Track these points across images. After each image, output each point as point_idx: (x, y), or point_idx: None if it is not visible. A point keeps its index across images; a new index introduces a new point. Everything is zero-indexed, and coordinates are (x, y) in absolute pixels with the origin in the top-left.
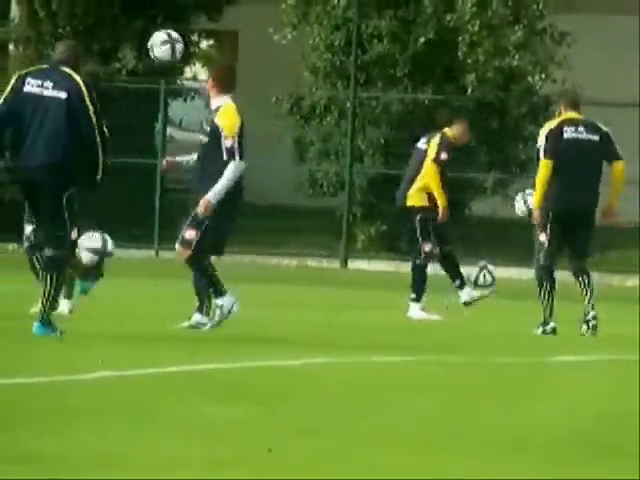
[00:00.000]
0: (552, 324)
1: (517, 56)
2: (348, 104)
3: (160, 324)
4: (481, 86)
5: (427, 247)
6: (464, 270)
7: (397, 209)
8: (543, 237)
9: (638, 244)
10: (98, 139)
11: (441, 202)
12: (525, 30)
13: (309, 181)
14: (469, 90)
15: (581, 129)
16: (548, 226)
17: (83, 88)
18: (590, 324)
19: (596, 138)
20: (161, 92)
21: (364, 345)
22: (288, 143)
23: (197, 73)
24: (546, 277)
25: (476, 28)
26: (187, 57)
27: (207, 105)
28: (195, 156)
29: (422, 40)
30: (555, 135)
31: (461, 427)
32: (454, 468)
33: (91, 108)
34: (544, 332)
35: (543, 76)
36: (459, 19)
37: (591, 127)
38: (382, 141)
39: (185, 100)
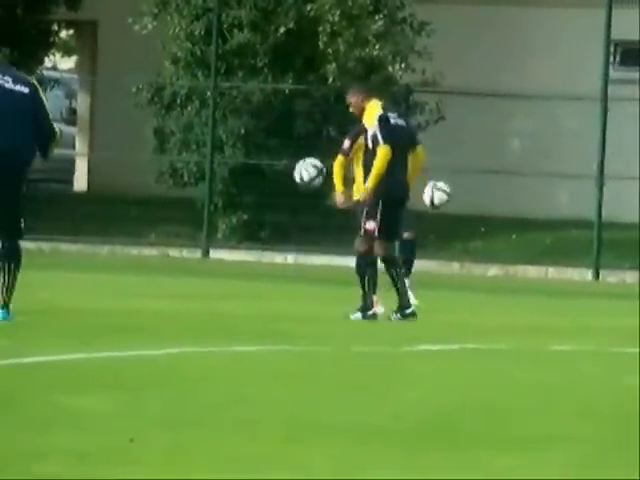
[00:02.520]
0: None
1: (377, 46)
2: (209, 94)
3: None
4: (342, 76)
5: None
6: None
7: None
8: (372, 225)
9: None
10: (53, 133)
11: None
12: (385, 20)
13: (170, 171)
14: (330, 80)
15: (395, 115)
16: (379, 213)
17: (37, 84)
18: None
19: None
20: None
21: (226, 335)
22: (149, 133)
23: (57, 63)
24: (367, 265)
25: (336, 18)
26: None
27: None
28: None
29: (282, 30)
30: (386, 121)
31: (323, 417)
32: (317, 458)
33: (46, 103)
34: (399, 318)
35: (403, 66)
36: (319, 9)
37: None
38: (243, 131)
39: (45, 90)
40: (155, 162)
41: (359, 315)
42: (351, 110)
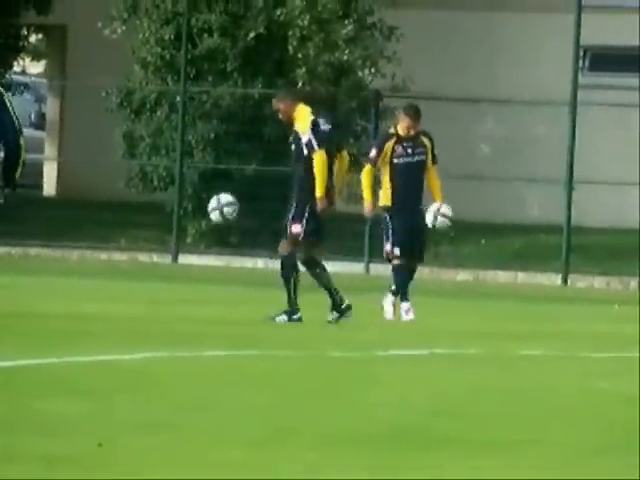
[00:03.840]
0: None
1: (347, 51)
2: (178, 98)
3: None
4: (311, 80)
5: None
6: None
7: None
8: (298, 228)
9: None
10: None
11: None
12: (355, 25)
13: (139, 176)
14: (299, 84)
15: (323, 120)
16: (305, 219)
17: (3, 91)
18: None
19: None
20: None
21: (196, 339)
22: (118, 137)
23: (26, 67)
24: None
25: (306, 22)
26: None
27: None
28: None
29: (252, 34)
30: (318, 126)
31: (294, 421)
32: (287, 462)
33: (12, 111)
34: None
35: (373, 70)
36: (289, 13)
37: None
38: (213, 135)
39: (14, 94)
40: (125, 167)
41: (284, 318)
42: (280, 117)
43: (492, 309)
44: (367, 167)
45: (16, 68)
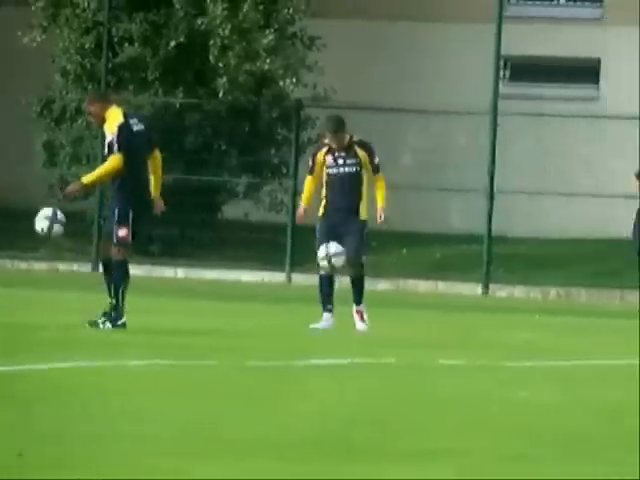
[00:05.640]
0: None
1: (268, 60)
2: None
3: None
4: (232, 90)
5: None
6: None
7: None
8: (125, 231)
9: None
10: None
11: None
12: (276, 34)
13: (60, 184)
14: (220, 94)
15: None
16: (130, 219)
17: None
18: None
19: None
20: None
21: (116, 349)
22: (38, 147)
23: None
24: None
25: (227, 32)
26: None
27: None
28: None
29: (173, 44)
30: (126, 129)
31: (216, 431)
32: (209, 472)
33: None
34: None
35: (294, 80)
36: (210, 23)
37: None
38: None
39: None
40: (45, 176)
41: (108, 325)
42: (91, 119)
43: (412, 318)
44: (307, 177)
45: None
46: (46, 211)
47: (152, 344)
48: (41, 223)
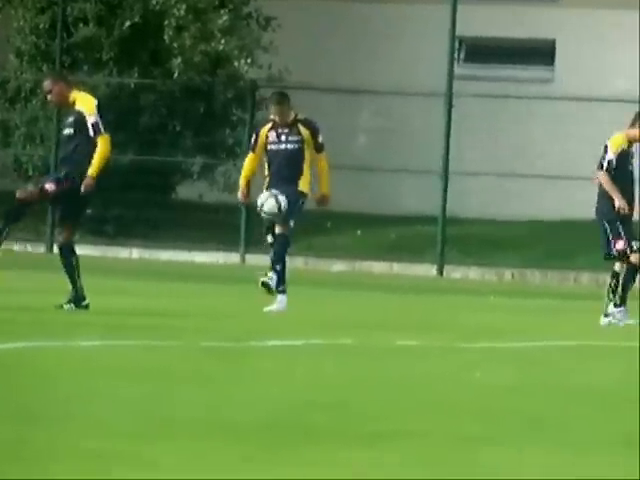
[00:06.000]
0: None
1: (223, 40)
2: None
3: None
4: (187, 70)
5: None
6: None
7: None
8: (52, 186)
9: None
10: None
11: None
12: (231, 15)
13: (14, 165)
14: (175, 74)
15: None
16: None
17: None
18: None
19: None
20: None
21: (70, 330)
22: None
23: None
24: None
25: (182, 12)
26: None
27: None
28: None
29: (128, 24)
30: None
31: (172, 412)
32: (166, 454)
33: None
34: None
35: (249, 61)
36: (165, 3)
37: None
38: None
39: None
40: None
41: (72, 306)
42: (50, 98)
43: (367, 300)
44: (249, 154)
45: None
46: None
47: (107, 324)
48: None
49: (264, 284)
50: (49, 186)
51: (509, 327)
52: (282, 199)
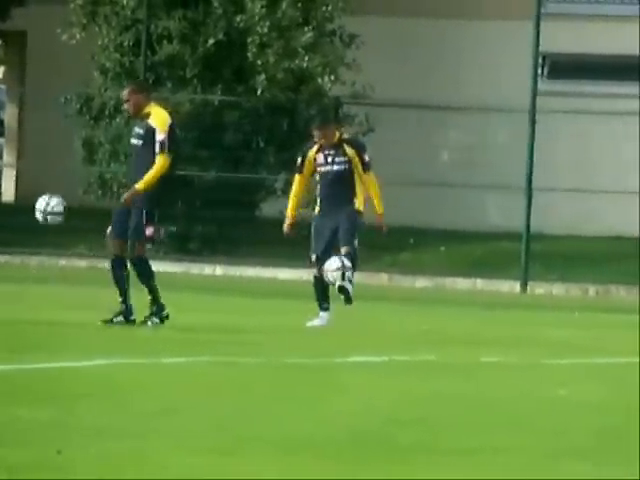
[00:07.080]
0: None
1: (307, 58)
2: None
3: None
4: (271, 87)
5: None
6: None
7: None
8: (152, 230)
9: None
10: None
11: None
12: (314, 32)
13: (98, 182)
14: (259, 91)
15: None
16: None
17: None
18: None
19: None
20: None
21: (155, 346)
22: (77, 144)
23: None
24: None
25: (266, 29)
26: None
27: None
28: None
29: (212, 41)
30: (174, 131)
31: (254, 428)
32: (248, 470)
33: None
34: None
35: (332, 78)
36: (249, 20)
37: None
38: None
39: None
40: (83, 173)
41: (156, 320)
42: (126, 107)
43: (451, 316)
44: (296, 176)
45: None
46: (39, 203)
47: (190, 341)
48: (37, 215)
49: (341, 289)
50: (149, 231)
51: (593, 343)
52: (346, 263)
